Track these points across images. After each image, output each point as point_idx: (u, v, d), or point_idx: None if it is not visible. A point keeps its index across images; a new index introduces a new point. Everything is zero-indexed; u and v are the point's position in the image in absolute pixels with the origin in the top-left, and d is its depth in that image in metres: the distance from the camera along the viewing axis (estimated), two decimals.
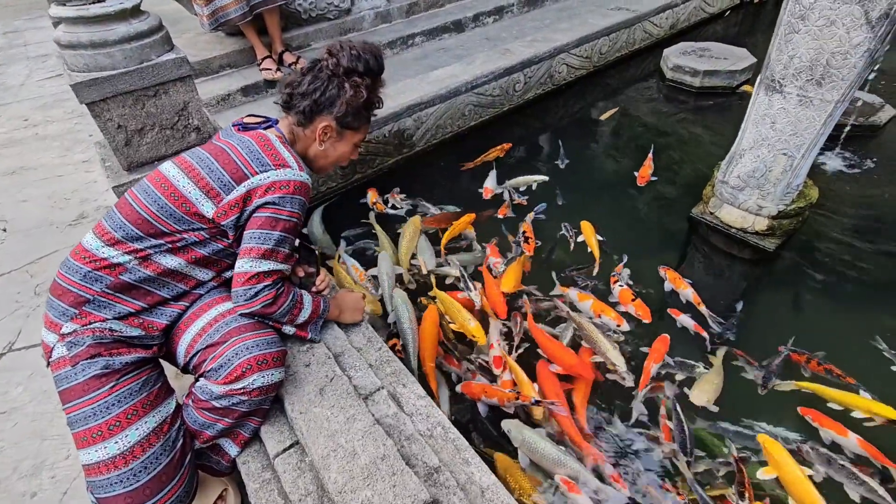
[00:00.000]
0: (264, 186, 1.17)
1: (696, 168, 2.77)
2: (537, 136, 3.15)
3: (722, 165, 2.24)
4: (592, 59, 3.62)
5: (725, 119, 3.18)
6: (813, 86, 1.79)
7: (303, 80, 1.31)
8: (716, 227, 2.28)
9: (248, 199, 1.18)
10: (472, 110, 3.04)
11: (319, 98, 1.29)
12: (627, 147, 2.91)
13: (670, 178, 2.72)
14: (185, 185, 1.16)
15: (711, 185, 2.32)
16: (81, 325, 1.10)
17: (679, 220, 2.41)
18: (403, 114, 2.71)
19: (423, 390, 1.31)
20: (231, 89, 2.76)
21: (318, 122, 1.32)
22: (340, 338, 1.42)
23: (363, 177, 2.74)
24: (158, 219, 1.15)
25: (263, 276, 1.18)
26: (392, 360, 1.38)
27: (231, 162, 1.18)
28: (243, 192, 1.17)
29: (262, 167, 1.19)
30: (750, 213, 2.16)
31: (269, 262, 1.18)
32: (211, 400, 1.13)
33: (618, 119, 3.28)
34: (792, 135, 1.92)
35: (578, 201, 2.56)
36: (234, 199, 1.17)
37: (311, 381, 1.25)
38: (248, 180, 1.17)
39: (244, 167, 1.18)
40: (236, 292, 1.18)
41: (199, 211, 1.16)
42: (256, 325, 1.19)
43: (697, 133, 3.09)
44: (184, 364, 1.20)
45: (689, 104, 3.42)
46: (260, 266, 1.17)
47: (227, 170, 1.17)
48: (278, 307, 1.23)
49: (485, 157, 2.82)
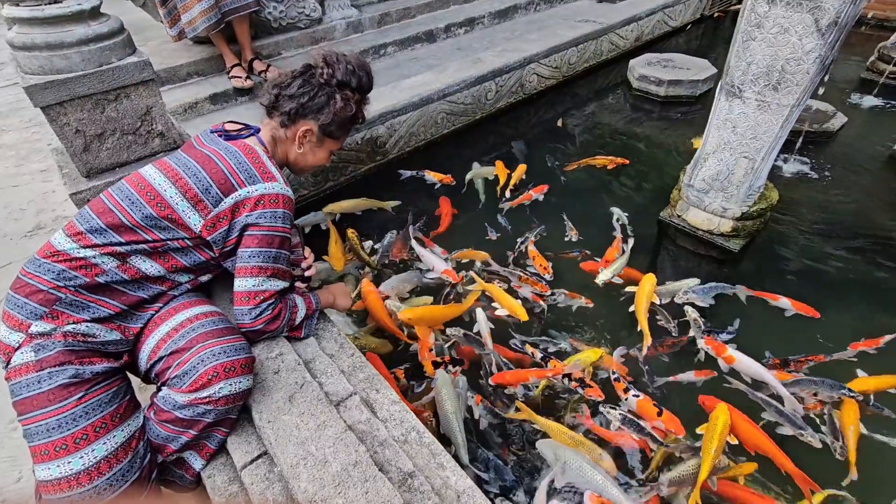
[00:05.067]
0: (253, 199, 1.17)
1: (663, 173, 2.84)
2: (510, 144, 3.20)
3: (688, 169, 2.30)
4: (562, 70, 3.70)
5: (690, 126, 3.29)
6: (770, 90, 1.86)
7: (292, 82, 1.32)
8: (683, 229, 2.34)
9: (236, 211, 1.17)
10: (445, 118, 3.06)
11: (307, 103, 1.31)
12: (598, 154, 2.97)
13: (639, 184, 2.78)
14: (173, 195, 1.14)
15: (678, 189, 2.39)
16: (54, 326, 1.05)
17: (649, 223, 2.46)
18: (376, 121, 2.70)
19: (397, 395, 1.28)
20: (199, 97, 2.71)
21: (301, 125, 1.33)
22: (311, 344, 1.38)
23: (335, 185, 2.72)
24: (140, 226, 1.12)
25: (266, 293, 1.21)
26: (365, 366, 1.36)
27: (219, 171, 1.17)
28: (231, 204, 1.16)
29: (251, 179, 1.18)
30: (715, 215, 2.23)
31: (271, 280, 1.21)
32: (174, 410, 1.08)
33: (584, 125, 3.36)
34: (752, 138, 2.00)
35: (553, 207, 2.60)
36: (222, 212, 1.16)
37: (280, 389, 1.21)
38: (236, 192, 1.16)
39: (232, 178, 1.17)
40: (240, 311, 1.21)
41: (186, 223, 1.15)
42: (223, 331, 1.16)
43: (664, 139, 3.18)
44: (146, 371, 1.15)
45: (655, 113, 3.52)
46: (262, 285, 1.20)
47: (215, 179, 1.16)
48: (281, 321, 1.26)
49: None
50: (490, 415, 1.64)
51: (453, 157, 3.00)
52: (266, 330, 1.26)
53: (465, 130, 3.21)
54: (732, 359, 1.72)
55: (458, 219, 2.51)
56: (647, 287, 1.98)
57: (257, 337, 1.28)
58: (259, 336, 1.28)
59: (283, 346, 1.33)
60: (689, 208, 2.32)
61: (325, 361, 1.33)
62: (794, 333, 1.87)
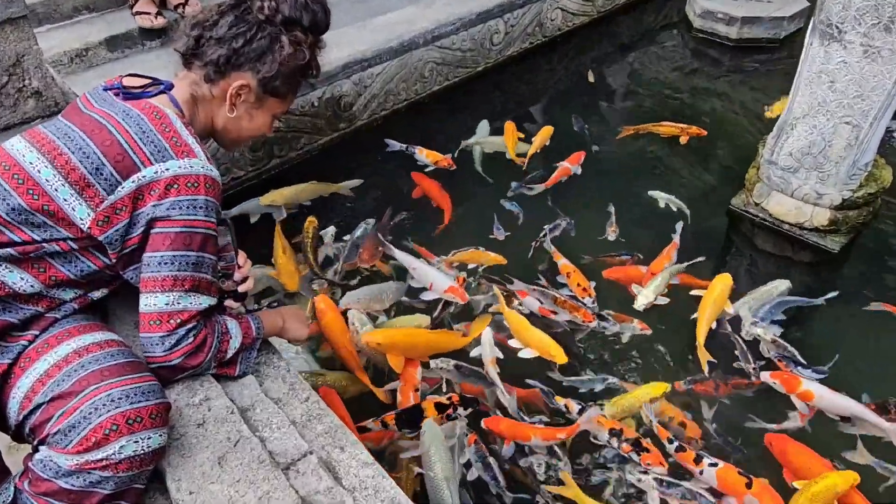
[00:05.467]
0: (164, 183, 1.16)
1: (734, 146, 2.87)
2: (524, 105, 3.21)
3: (769, 140, 2.33)
4: (596, 3, 3.73)
5: (771, 80, 3.32)
6: (880, 32, 1.89)
7: (221, 20, 1.31)
8: (763, 222, 2.36)
9: (139, 199, 1.16)
10: (435, 70, 3.07)
11: (242, 48, 1.30)
12: (645, 120, 3.00)
13: (702, 160, 2.81)
14: (50, 178, 1.13)
15: (756, 168, 2.41)
16: None
17: (714, 214, 2.48)
18: (339, 74, 2.71)
19: (368, 455, 1.28)
20: (90, 41, 2.70)
21: (234, 78, 1.33)
22: (250, 385, 1.38)
23: (283, 162, 2.72)
24: (4, 222, 1.11)
25: (184, 315, 1.19)
26: (325, 415, 1.36)
27: (114, 144, 1.15)
28: (132, 189, 1.15)
29: (160, 155, 1.17)
30: (807, 202, 2.25)
31: (191, 295, 1.20)
32: (57, 479, 1.08)
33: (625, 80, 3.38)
34: (856, 97, 2.02)
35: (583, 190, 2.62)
36: (119, 201, 1.15)
37: (206, 447, 1.20)
38: (138, 173, 1.15)
39: (133, 153, 1.16)
40: (149, 340, 1.19)
41: (69, 217, 1.14)
42: (125, 368, 1.15)
43: (736, 99, 3.21)
44: (17, 424, 1.14)
45: (723, 62, 3.56)
46: (179, 302, 1.18)
47: (108, 155, 1.15)
48: (206, 354, 1.24)
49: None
50: (482, 464, 1.65)
51: (446, 125, 3.02)
52: (185, 366, 1.24)
53: (462, 87, 3.22)
54: (810, 395, 1.74)
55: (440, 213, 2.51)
56: (717, 289, 2.00)
57: (173, 375, 1.27)
58: (176, 374, 1.27)
59: (209, 389, 1.31)
60: (770, 194, 2.34)
61: (270, 409, 1.33)
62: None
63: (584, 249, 2.34)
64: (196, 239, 1.20)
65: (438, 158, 2.72)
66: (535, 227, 2.43)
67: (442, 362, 1.89)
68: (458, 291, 2.09)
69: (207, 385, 1.33)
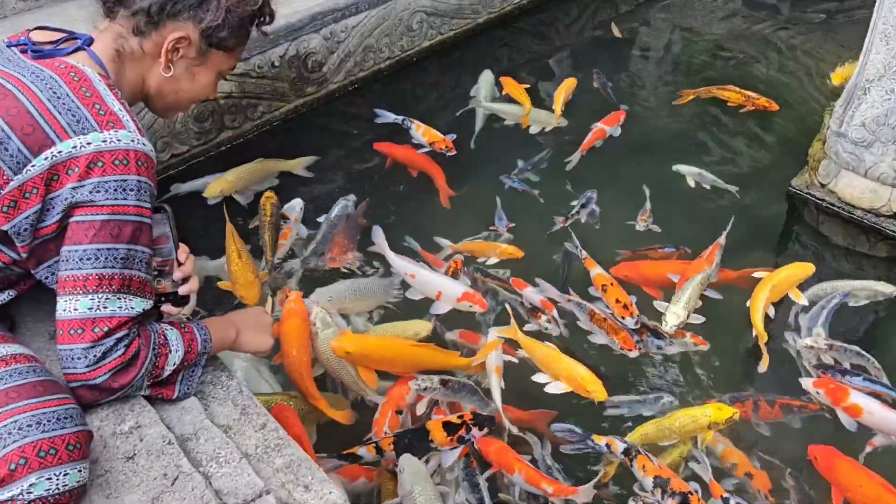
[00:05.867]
0: (84, 160, 1.16)
1: (796, 114, 2.88)
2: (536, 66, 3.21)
3: (836, 108, 2.32)
4: None
5: (837, 35, 3.33)
6: None
7: None
8: (830, 207, 2.36)
9: (53, 180, 1.16)
10: (425, 22, 3.07)
11: None
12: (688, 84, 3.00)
13: (757, 133, 2.81)
14: None
15: (822, 141, 2.42)
16: None
17: (773, 197, 2.49)
18: (305, 27, 2.71)
19: (340, 494, 1.28)
20: None
21: (170, 29, 1.33)
22: (192, 410, 1.38)
23: (236, 135, 2.72)
24: None
25: (112, 321, 1.19)
26: (285, 445, 1.36)
27: (21, 113, 1.16)
28: (45, 168, 1.15)
29: (79, 125, 1.18)
30: (883, 183, 2.25)
31: (120, 297, 1.20)
32: None
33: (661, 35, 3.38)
34: None
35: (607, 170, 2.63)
36: (29, 183, 1.15)
37: (136, 486, 1.20)
38: (52, 148, 1.16)
39: (46, 124, 1.17)
40: (68, 353, 1.19)
41: None
42: (36, 388, 1.15)
43: (795, 59, 3.22)
44: None
45: (780, 13, 3.56)
46: (105, 306, 1.19)
47: (14, 126, 1.15)
48: (138, 370, 1.23)
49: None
50: (468, 484, 1.67)
51: (441, 89, 3.02)
52: (112, 385, 1.24)
53: (459, 43, 3.22)
54: (859, 409, 1.76)
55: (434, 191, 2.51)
56: (783, 273, 2.07)
57: (98, 397, 1.27)
58: (101, 395, 1.27)
59: (141, 414, 1.32)
60: (839, 173, 2.34)
61: (217, 439, 1.33)
62: None
63: (608, 242, 2.34)
64: (126, 229, 1.21)
65: (437, 139, 2.72)
66: (548, 214, 2.44)
67: (427, 381, 1.87)
68: (475, 298, 2.07)
69: (139, 409, 1.33)
